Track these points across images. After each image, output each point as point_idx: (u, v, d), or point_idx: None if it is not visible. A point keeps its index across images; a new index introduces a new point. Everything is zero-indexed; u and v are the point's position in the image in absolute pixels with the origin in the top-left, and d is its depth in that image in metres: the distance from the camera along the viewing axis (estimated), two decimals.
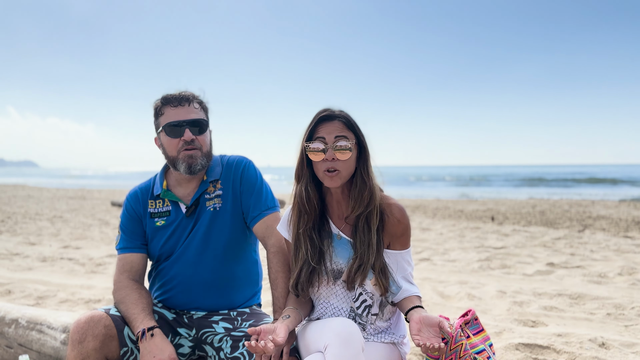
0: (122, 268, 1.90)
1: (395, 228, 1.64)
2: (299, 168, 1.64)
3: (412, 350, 2.63)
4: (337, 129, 1.57)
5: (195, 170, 1.87)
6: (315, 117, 1.60)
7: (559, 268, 4.92)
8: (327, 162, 1.55)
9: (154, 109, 1.91)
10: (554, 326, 3.05)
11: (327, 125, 1.58)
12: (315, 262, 1.65)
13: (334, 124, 1.58)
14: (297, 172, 1.65)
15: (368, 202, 1.60)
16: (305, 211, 1.65)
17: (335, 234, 1.69)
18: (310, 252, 1.65)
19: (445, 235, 7.43)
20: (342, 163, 1.56)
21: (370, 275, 1.62)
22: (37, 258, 5.73)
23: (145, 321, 1.70)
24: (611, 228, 7.92)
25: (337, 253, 1.67)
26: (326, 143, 1.55)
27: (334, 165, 1.55)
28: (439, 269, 5.01)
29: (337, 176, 1.56)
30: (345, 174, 1.57)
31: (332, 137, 1.56)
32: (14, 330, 2.31)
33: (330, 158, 1.54)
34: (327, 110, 1.60)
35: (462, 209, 11.94)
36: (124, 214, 1.99)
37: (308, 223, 1.66)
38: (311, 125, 1.60)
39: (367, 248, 1.60)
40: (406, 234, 1.67)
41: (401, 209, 1.66)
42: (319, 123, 1.59)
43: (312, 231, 1.67)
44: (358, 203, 1.60)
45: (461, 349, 1.62)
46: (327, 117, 1.59)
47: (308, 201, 1.64)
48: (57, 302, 3.80)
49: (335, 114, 1.59)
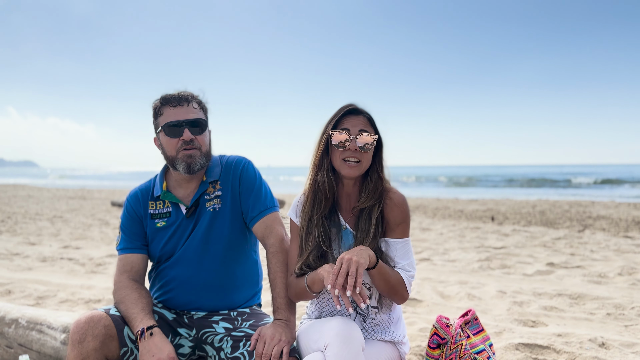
0: (123, 268, 1.91)
1: (393, 212, 1.69)
2: (320, 156, 1.71)
3: (411, 350, 2.63)
4: (361, 123, 1.66)
5: (194, 170, 1.87)
6: (342, 109, 1.69)
7: (559, 268, 4.92)
8: (349, 152, 1.63)
9: (153, 109, 1.91)
10: (554, 326, 3.05)
11: (353, 119, 1.67)
12: (325, 246, 1.70)
13: (359, 118, 1.67)
14: (317, 160, 1.72)
15: (378, 197, 1.68)
16: (324, 197, 1.71)
17: (342, 224, 1.74)
18: (322, 237, 1.70)
19: (445, 235, 7.43)
20: (364, 155, 1.64)
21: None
22: (37, 258, 5.73)
23: (145, 320, 1.70)
24: (611, 228, 7.92)
25: (342, 243, 1.72)
26: (351, 134, 1.63)
27: (355, 155, 1.63)
28: (439, 269, 5.01)
29: (356, 167, 1.64)
30: (364, 165, 1.66)
31: (357, 129, 1.65)
32: (14, 330, 2.32)
33: (353, 148, 1.63)
34: (353, 105, 1.70)
35: (462, 209, 11.94)
36: (125, 214, 1.99)
37: (324, 210, 1.72)
38: (338, 116, 1.68)
39: (365, 236, 1.65)
40: (405, 222, 1.70)
41: (401, 196, 1.72)
42: (345, 115, 1.68)
43: (325, 218, 1.73)
44: (370, 196, 1.68)
45: (461, 349, 1.63)
46: (353, 110, 1.69)
47: (329, 187, 1.70)
48: (57, 302, 3.80)
49: (361, 109, 1.70)
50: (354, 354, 1.42)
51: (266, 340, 1.62)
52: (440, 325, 1.69)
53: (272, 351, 1.58)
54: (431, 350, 1.71)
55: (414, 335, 2.87)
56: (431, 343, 1.70)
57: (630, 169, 75.00)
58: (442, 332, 1.68)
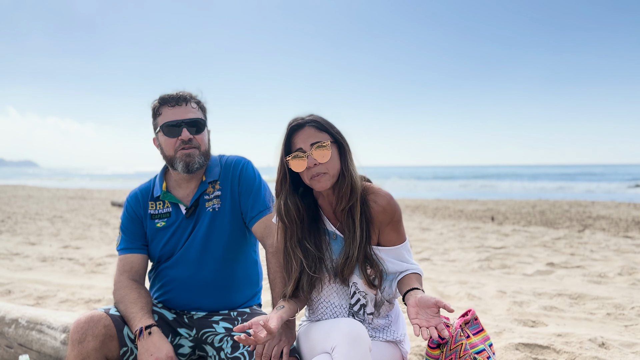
0: (123, 268, 1.91)
1: (381, 216, 1.64)
2: (278, 183, 1.66)
3: (411, 350, 2.63)
4: (310, 135, 1.58)
5: (193, 169, 1.87)
6: (287, 129, 1.62)
7: (559, 268, 4.92)
8: (311, 170, 1.57)
9: (152, 109, 1.92)
10: (554, 326, 3.05)
11: (300, 134, 1.59)
12: (313, 270, 1.65)
13: (306, 131, 1.59)
14: (276, 187, 1.67)
15: (350, 196, 1.61)
16: (289, 223, 1.65)
17: (331, 232, 1.70)
18: (306, 261, 1.65)
19: (445, 235, 7.43)
20: (325, 165, 1.57)
21: (357, 271, 1.63)
22: (37, 258, 5.73)
23: (144, 320, 1.70)
24: (611, 228, 7.92)
25: (334, 251, 1.68)
26: (304, 152, 1.57)
27: (318, 170, 1.56)
28: (439, 269, 5.01)
29: (324, 178, 1.57)
30: (332, 173, 1.59)
31: (308, 144, 1.57)
32: (14, 330, 2.32)
33: (312, 165, 1.56)
34: (297, 120, 1.62)
35: (462, 209, 11.94)
36: (125, 215, 2.00)
37: (293, 236, 1.66)
38: (285, 139, 1.62)
39: (352, 240, 1.61)
40: (394, 222, 1.65)
41: (385, 196, 1.65)
42: (291, 134, 1.61)
43: (305, 240, 1.67)
44: (342, 198, 1.61)
45: (461, 348, 1.62)
46: (297, 126, 1.60)
47: (287, 214, 1.64)
48: (57, 302, 3.80)
49: (305, 120, 1.61)
50: (362, 355, 1.41)
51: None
52: None
53: (272, 351, 1.58)
54: (431, 350, 1.71)
55: (413, 335, 2.87)
56: (431, 343, 1.70)
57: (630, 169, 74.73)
58: (441, 334, 1.67)
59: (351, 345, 1.40)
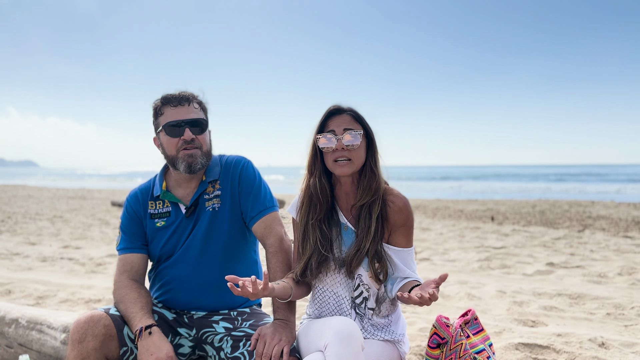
0: (123, 268, 1.91)
1: (397, 216, 1.70)
2: (311, 161, 1.73)
3: (411, 350, 2.63)
4: (345, 122, 1.68)
5: (195, 170, 1.88)
6: (326, 112, 1.71)
7: (559, 268, 4.93)
8: (337, 152, 1.64)
9: (154, 109, 1.92)
10: (554, 326, 3.05)
11: (336, 119, 1.69)
12: (325, 250, 1.70)
13: (343, 117, 1.68)
14: (309, 164, 1.74)
15: (374, 192, 1.69)
16: (317, 201, 1.73)
17: (343, 224, 1.75)
18: (321, 241, 1.71)
19: (445, 235, 7.43)
20: (352, 152, 1.64)
21: (365, 264, 1.66)
22: (37, 258, 5.73)
23: (144, 319, 1.70)
24: (611, 228, 7.92)
25: (344, 242, 1.73)
26: (336, 134, 1.65)
27: (344, 155, 1.64)
28: (439, 269, 5.01)
29: (347, 165, 1.64)
30: (356, 162, 1.66)
31: (341, 129, 1.66)
32: (14, 330, 2.32)
33: (340, 147, 1.63)
34: (336, 106, 1.71)
35: (462, 209, 11.94)
36: (125, 214, 2.00)
37: (319, 214, 1.73)
38: (322, 120, 1.70)
39: (366, 234, 1.66)
40: (407, 226, 1.71)
41: (404, 199, 1.73)
42: (328, 117, 1.70)
43: (322, 222, 1.73)
44: (366, 192, 1.68)
45: (461, 348, 1.63)
46: (336, 111, 1.70)
47: (321, 192, 1.72)
48: (57, 302, 3.80)
49: (344, 108, 1.71)
50: (354, 354, 1.42)
51: (266, 340, 1.62)
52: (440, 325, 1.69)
53: (273, 351, 1.58)
54: (431, 350, 1.71)
55: (413, 335, 2.87)
56: (431, 343, 1.70)
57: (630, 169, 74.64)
58: (442, 331, 1.68)
59: (342, 343, 1.42)
